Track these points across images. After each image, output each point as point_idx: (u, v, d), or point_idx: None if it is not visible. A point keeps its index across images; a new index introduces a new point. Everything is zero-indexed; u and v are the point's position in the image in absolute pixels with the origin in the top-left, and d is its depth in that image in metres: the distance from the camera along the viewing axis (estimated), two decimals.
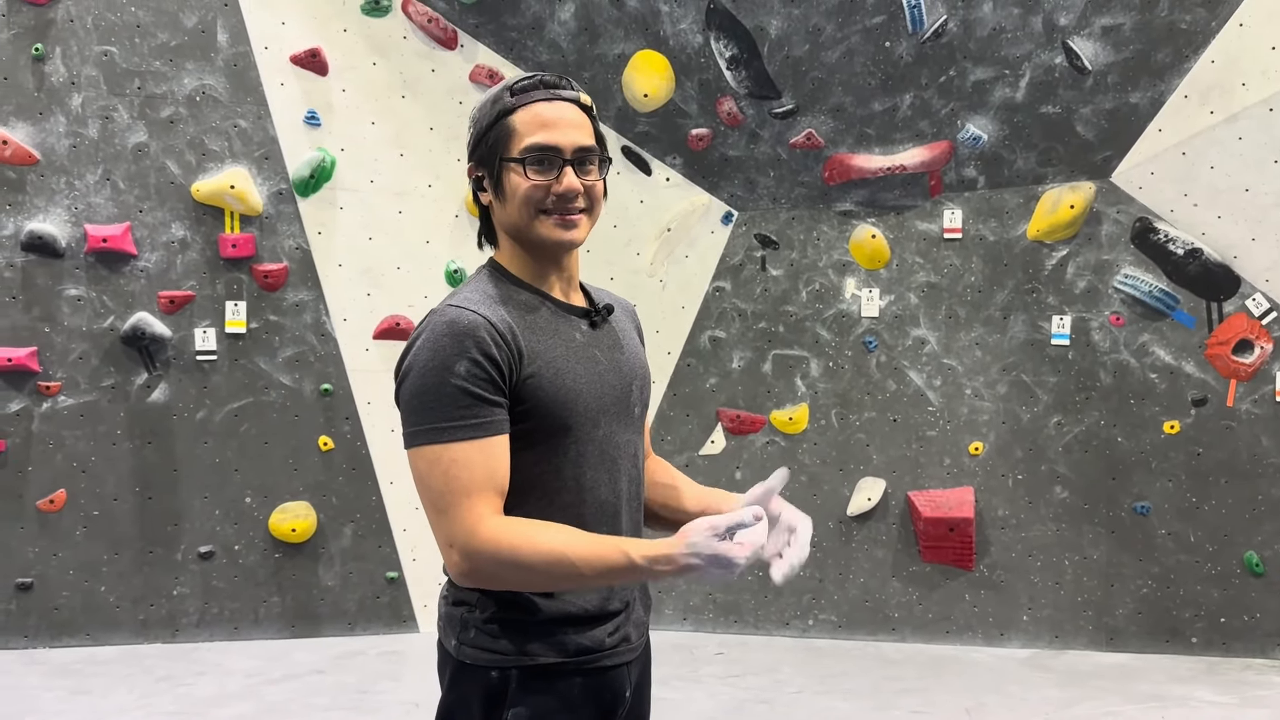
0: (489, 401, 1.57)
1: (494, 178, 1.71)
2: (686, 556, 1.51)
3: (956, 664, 4.87)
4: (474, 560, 1.55)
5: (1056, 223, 4.99)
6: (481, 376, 1.57)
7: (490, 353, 1.58)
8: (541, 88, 1.70)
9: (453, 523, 1.56)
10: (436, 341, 1.58)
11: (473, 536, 1.54)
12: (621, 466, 1.77)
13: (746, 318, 5.24)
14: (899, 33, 4.93)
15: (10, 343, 4.66)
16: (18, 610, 4.75)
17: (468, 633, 1.67)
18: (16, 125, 4.62)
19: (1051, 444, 5.06)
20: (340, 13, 4.91)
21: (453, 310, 1.60)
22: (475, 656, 1.66)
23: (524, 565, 1.55)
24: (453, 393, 1.55)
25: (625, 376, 1.79)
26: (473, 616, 1.67)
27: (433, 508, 1.58)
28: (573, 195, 1.68)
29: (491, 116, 1.71)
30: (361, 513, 5.09)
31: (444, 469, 1.56)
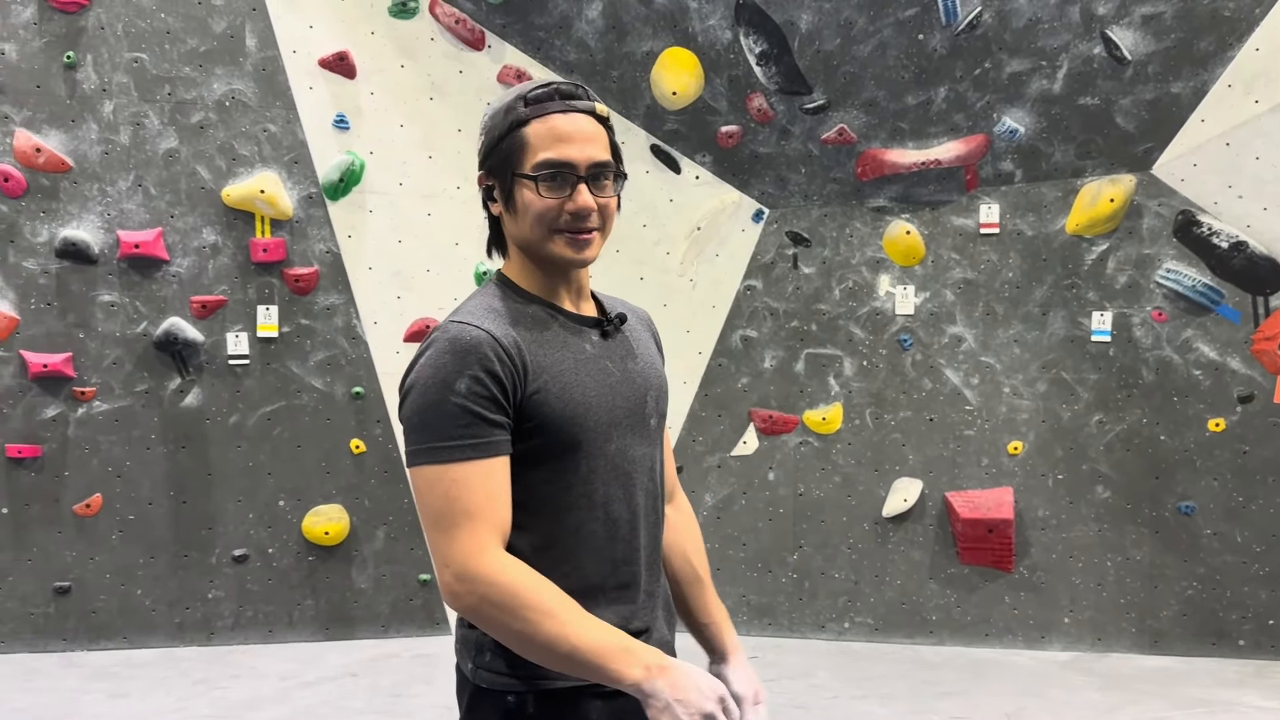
0: (490, 421, 1.53)
1: (505, 190, 1.65)
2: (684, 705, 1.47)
3: (996, 667, 4.78)
4: (467, 585, 1.50)
5: (1096, 216, 4.88)
6: (483, 395, 1.52)
7: (493, 369, 1.53)
8: (557, 98, 1.62)
9: (451, 544, 1.51)
10: (439, 358, 1.53)
11: (470, 563, 1.50)
12: (637, 481, 1.70)
13: (778, 316, 5.18)
14: (932, 25, 4.84)
15: (46, 349, 4.70)
16: (56, 613, 4.79)
17: (483, 656, 1.63)
18: (50, 133, 4.66)
19: (1093, 443, 4.96)
20: (368, 15, 4.90)
21: (455, 326, 1.56)
22: (492, 681, 1.62)
23: (513, 610, 1.49)
24: (454, 411, 1.51)
25: (639, 387, 1.73)
26: (488, 639, 1.62)
27: (433, 527, 1.54)
28: (586, 213, 1.61)
29: (504, 127, 1.64)
30: (394, 515, 5.09)
31: (444, 489, 1.52)
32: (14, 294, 4.68)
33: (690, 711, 1.46)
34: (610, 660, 1.48)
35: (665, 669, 1.48)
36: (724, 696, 1.49)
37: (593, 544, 1.63)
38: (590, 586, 1.60)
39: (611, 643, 1.50)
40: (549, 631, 1.48)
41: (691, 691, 1.47)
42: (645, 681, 1.47)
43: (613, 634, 1.52)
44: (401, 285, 5.04)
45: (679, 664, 1.51)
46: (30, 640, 4.77)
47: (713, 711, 1.47)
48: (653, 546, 1.76)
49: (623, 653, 1.49)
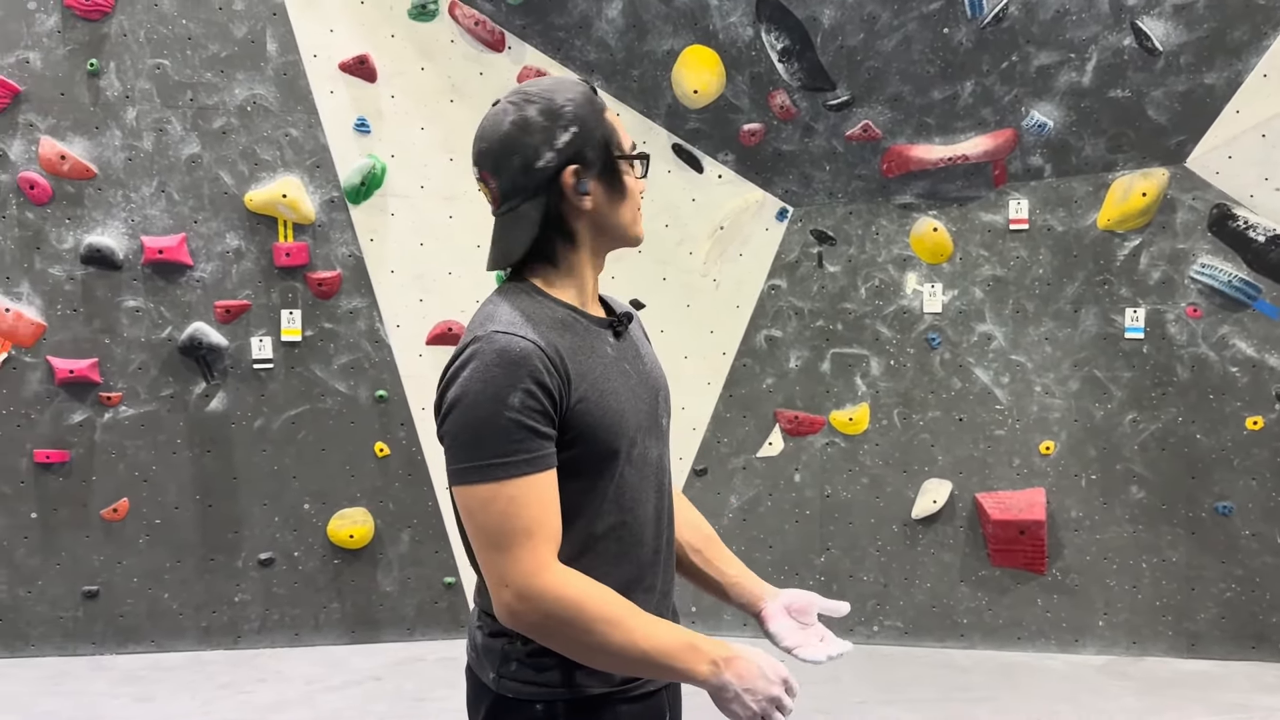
0: (542, 434, 1.49)
1: (606, 176, 1.61)
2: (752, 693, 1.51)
3: (1028, 672, 4.70)
4: (530, 603, 1.48)
5: (1128, 211, 4.78)
6: (536, 408, 1.48)
7: (544, 381, 1.49)
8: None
9: (513, 563, 1.48)
10: (487, 371, 1.47)
11: (532, 579, 1.47)
12: (656, 481, 1.71)
13: (804, 316, 5.12)
14: (958, 18, 4.75)
15: (72, 354, 4.73)
16: (85, 617, 4.83)
17: (509, 665, 1.60)
18: (74, 140, 4.69)
19: (1127, 442, 4.85)
20: (388, 18, 4.90)
21: (501, 337, 1.49)
22: (519, 690, 1.60)
23: (580, 623, 1.48)
24: (507, 426, 1.46)
25: (651, 388, 1.72)
26: (514, 648, 1.60)
27: (489, 546, 1.50)
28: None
29: (594, 113, 1.61)
30: (418, 518, 5.08)
31: (501, 507, 1.48)
32: (41, 300, 4.71)
33: (758, 698, 1.49)
34: (679, 660, 1.49)
35: (731, 660, 1.50)
36: (787, 678, 1.52)
37: (623, 548, 1.63)
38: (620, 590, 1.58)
39: (679, 642, 1.51)
40: (619, 640, 1.48)
41: (758, 679, 1.50)
42: (714, 676, 1.49)
43: (678, 632, 1.53)
44: (423, 288, 5.03)
45: (743, 651, 1.53)
46: (60, 644, 4.81)
47: (778, 694, 1.50)
48: (669, 546, 1.75)
49: (690, 650, 1.50)
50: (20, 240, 4.68)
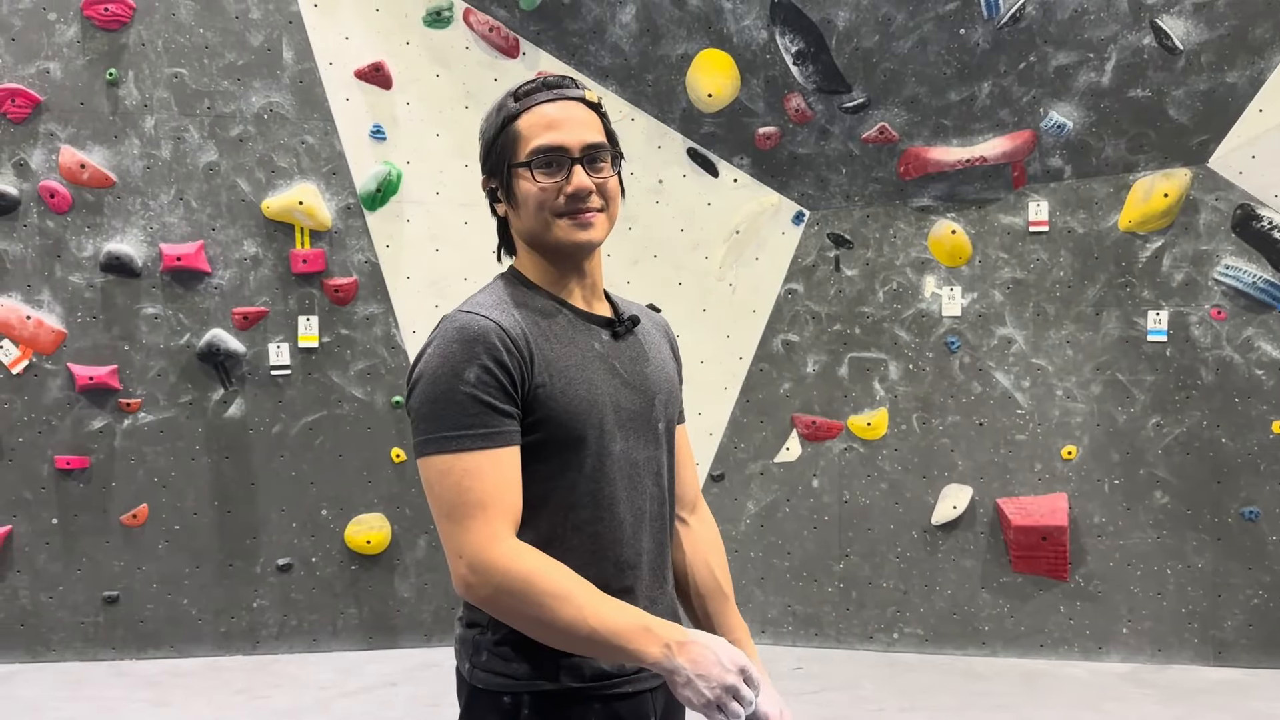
0: (500, 411, 1.52)
1: (505, 186, 1.67)
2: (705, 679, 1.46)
3: (1051, 680, 4.63)
4: (481, 575, 1.49)
5: (1150, 212, 4.72)
6: (492, 384, 1.51)
7: (501, 359, 1.52)
8: (544, 89, 1.65)
9: (465, 534, 1.49)
10: (447, 348, 1.52)
11: (484, 551, 1.49)
12: (643, 484, 1.69)
13: (821, 320, 5.08)
14: (974, 19, 4.71)
15: (92, 361, 4.77)
16: (105, 622, 4.86)
17: (480, 655, 1.61)
18: (93, 149, 4.73)
19: (1150, 446, 4.78)
20: (403, 26, 4.92)
21: (463, 316, 1.55)
22: (487, 681, 1.60)
23: (530, 597, 1.48)
24: (463, 400, 1.50)
25: (647, 391, 1.71)
26: (484, 639, 1.61)
27: (445, 518, 1.52)
28: (585, 194, 1.62)
29: (497, 124, 1.67)
30: (435, 524, 5.07)
31: (455, 479, 1.50)
32: (61, 308, 4.76)
33: (711, 685, 1.45)
34: (631, 640, 1.47)
35: (685, 645, 1.47)
36: (745, 667, 1.47)
37: (596, 544, 1.61)
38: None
39: (632, 622, 1.49)
40: (568, 616, 1.47)
41: (713, 666, 1.46)
42: (666, 659, 1.47)
43: (632, 613, 1.51)
44: (439, 294, 5.03)
45: (700, 637, 1.49)
46: (80, 649, 4.84)
47: (734, 684, 1.45)
48: (657, 552, 1.73)
49: (643, 631, 1.48)
50: (41, 248, 4.73)
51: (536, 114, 1.63)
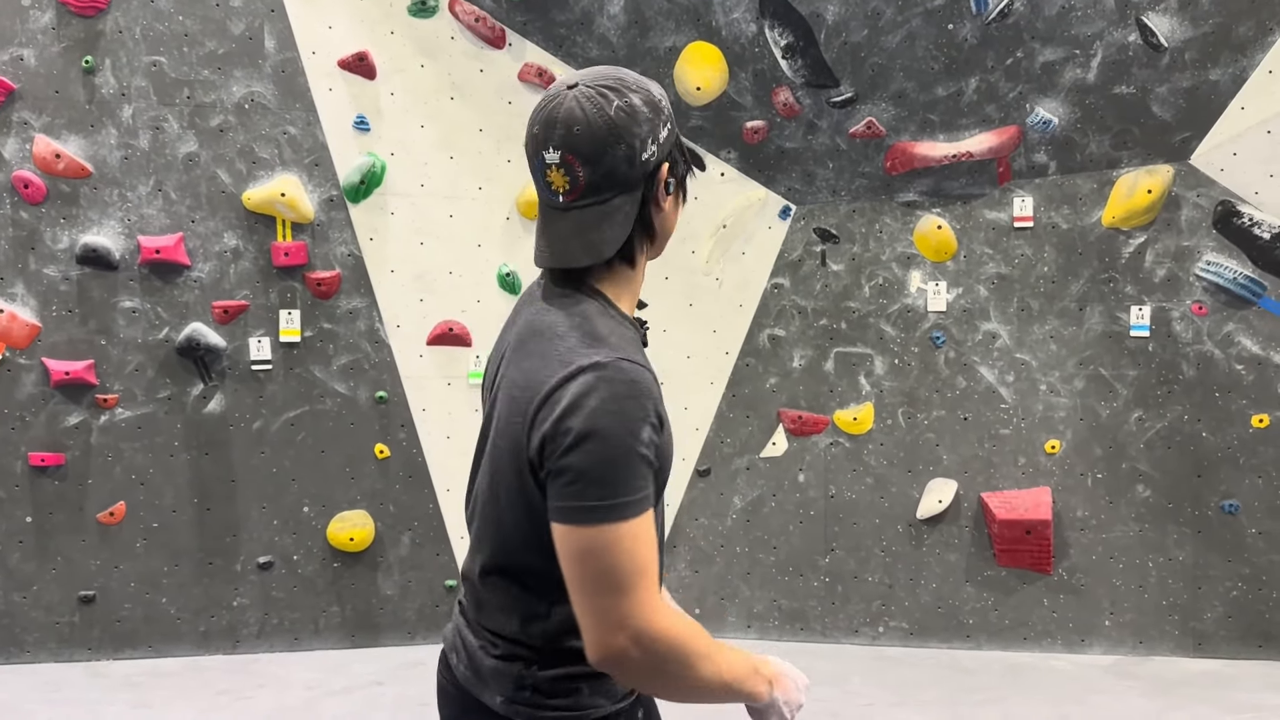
0: (655, 469, 1.42)
1: (680, 180, 1.56)
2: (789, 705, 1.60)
3: (1035, 672, 4.67)
4: (646, 645, 1.38)
5: (1133, 208, 4.76)
6: (656, 443, 1.40)
7: (662, 413, 1.42)
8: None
9: (631, 605, 1.36)
10: (620, 404, 1.35)
11: (652, 622, 1.37)
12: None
13: (807, 315, 5.08)
14: (962, 14, 4.73)
15: (68, 356, 4.66)
16: (81, 623, 4.75)
17: (522, 692, 1.52)
18: (69, 138, 4.62)
19: (1133, 441, 4.83)
20: (387, 15, 4.84)
21: (628, 365, 1.38)
22: (531, 715, 1.52)
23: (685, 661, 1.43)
24: (636, 462, 1.36)
25: None
26: (531, 674, 1.52)
27: (608, 588, 1.37)
28: None
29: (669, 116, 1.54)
30: (419, 521, 5.02)
31: (627, 546, 1.35)
32: (35, 301, 4.64)
33: (792, 709, 1.58)
34: (747, 684, 1.52)
35: (778, 678, 1.58)
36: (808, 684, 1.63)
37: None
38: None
39: (746, 667, 1.54)
40: (709, 674, 1.46)
41: (793, 691, 1.59)
42: (768, 695, 1.55)
43: (742, 657, 1.55)
44: (424, 288, 4.97)
45: (781, 667, 1.60)
46: (55, 650, 4.74)
47: (803, 702, 1.61)
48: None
49: (754, 674, 1.54)
50: (14, 240, 4.61)
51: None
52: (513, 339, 1.54)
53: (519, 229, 5.05)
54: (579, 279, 1.51)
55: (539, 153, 1.45)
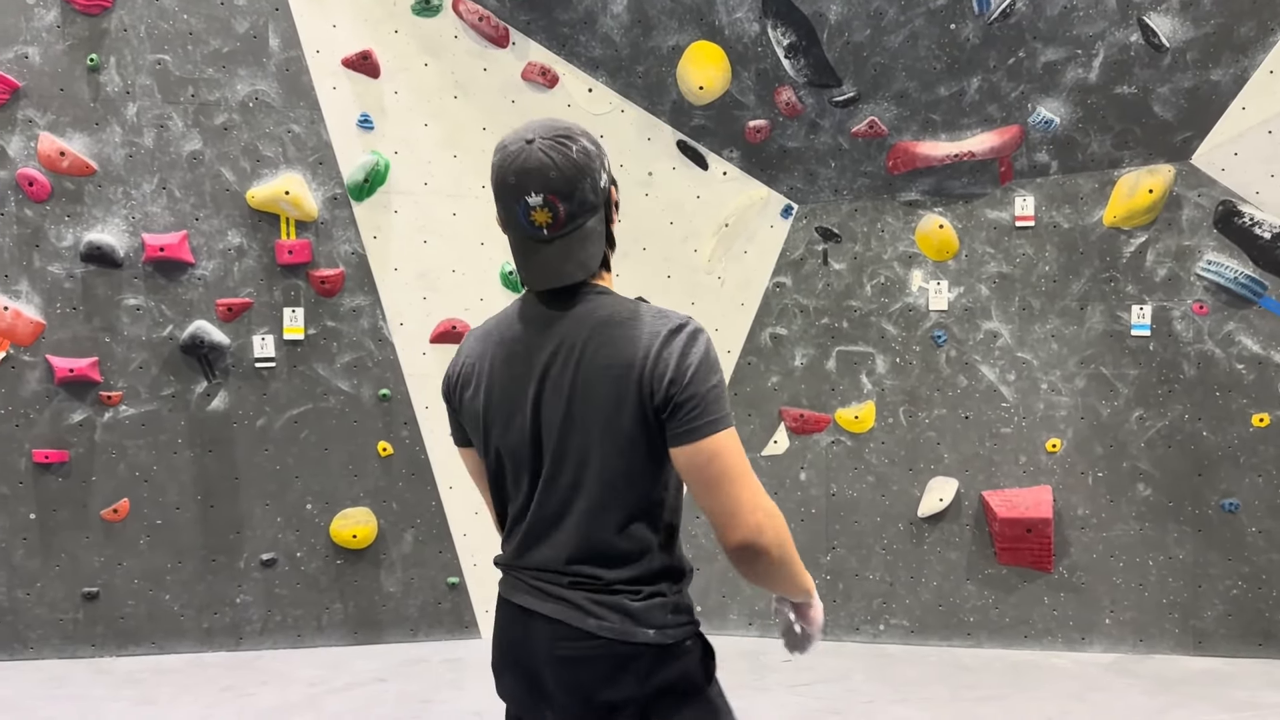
0: None
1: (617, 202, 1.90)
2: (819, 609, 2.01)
3: (1036, 670, 4.68)
4: (772, 518, 1.72)
5: (1134, 208, 4.77)
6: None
7: None
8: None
9: (754, 488, 1.71)
10: (708, 348, 1.76)
11: (768, 500, 1.73)
12: None
13: (809, 313, 5.09)
14: (965, 14, 4.74)
15: (72, 353, 4.68)
16: (85, 619, 4.77)
17: (667, 615, 1.78)
18: (73, 136, 4.63)
19: (1133, 439, 4.85)
20: (391, 14, 4.86)
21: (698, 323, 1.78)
22: (677, 635, 1.79)
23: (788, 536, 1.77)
24: (725, 388, 1.77)
25: None
26: (669, 600, 1.79)
27: (737, 478, 1.70)
28: None
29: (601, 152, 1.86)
30: (422, 518, 5.04)
31: (737, 447, 1.73)
32: (40, 298, 4.66)
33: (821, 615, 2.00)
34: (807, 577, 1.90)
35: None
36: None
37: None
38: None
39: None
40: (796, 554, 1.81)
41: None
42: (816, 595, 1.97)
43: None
44: (427, 286, 4.99)
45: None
46: (59, 646, 4.75)
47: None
48: None
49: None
50: (19, 238, 4.62)
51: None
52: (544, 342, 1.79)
53: None
54: (575, 290, 1.79)
55: (520, 198, 1.73)
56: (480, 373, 1.84)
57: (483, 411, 1.83)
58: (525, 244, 1.76)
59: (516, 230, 1.76)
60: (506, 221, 1.78)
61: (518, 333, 1.82)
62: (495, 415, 1.81)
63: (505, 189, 1.74)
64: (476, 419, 1.85)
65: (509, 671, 1.88)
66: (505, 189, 1.74)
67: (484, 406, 1.82)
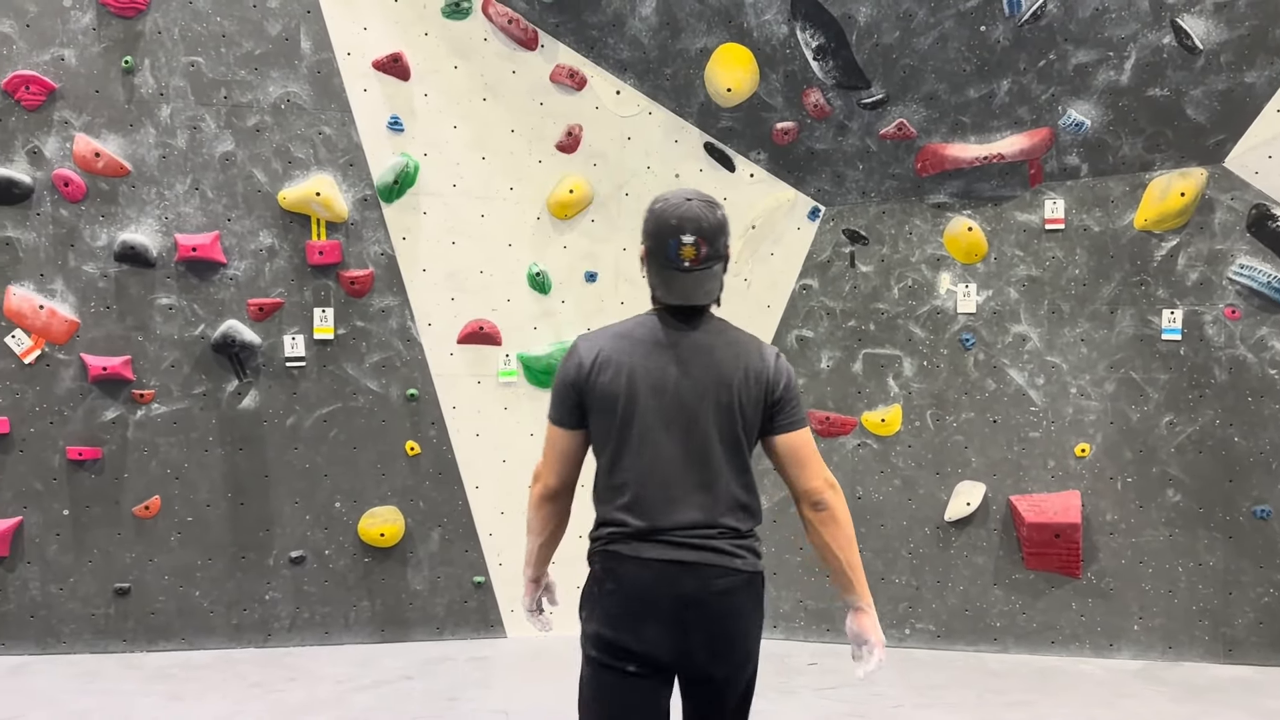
0: None
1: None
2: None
3: (1063, 676, 4.65)
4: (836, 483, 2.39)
5: (1166, 211, 4.73)
6: None
7: None
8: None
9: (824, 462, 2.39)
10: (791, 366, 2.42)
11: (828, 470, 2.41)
12: None
13: (835, 316, 5.09)
14: (995, 16, 4.72)
15: (105, 352, 4.74)
16: (116, 614, 4.83)
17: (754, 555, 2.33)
18: (108, 137, 4.69)
19: (1163, 445, 4.81)
20: (421, 16, 4.89)
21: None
22: (754, 564, 2.33)
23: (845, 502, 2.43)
24: None
25: None
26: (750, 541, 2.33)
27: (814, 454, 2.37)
28: None
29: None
30: (448, 517, 5.07)
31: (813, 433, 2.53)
32: (74, 297, 4.72)
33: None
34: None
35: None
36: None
37: None
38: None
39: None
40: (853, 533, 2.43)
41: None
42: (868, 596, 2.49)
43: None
44: (455, 287, 5.02)
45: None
46: (91, 641, 4.81)
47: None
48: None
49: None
50: (54, 237, 4.69)
51: None
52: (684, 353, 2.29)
53: (549, 229, 5.09)
54: (701, 311, 2.33)
55: (677, 235, 2.25)
56: (619, 363, 2.27)
57: (625, 391, 2.27)
58: (667, 272, 2.28)
59: (663, 261, 2.28)
60: (655, 252, 2.29)
61: (657, 336, 2.31)
62: (638, 394, 2.27)
63: (666, 227, 2.27)
64: (615, 398, 2.27)
65: (650, 619, 2.24)
66: (666, 227, 2.27)
67: (626, 387, 2.27)
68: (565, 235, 5.11)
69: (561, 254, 5.11)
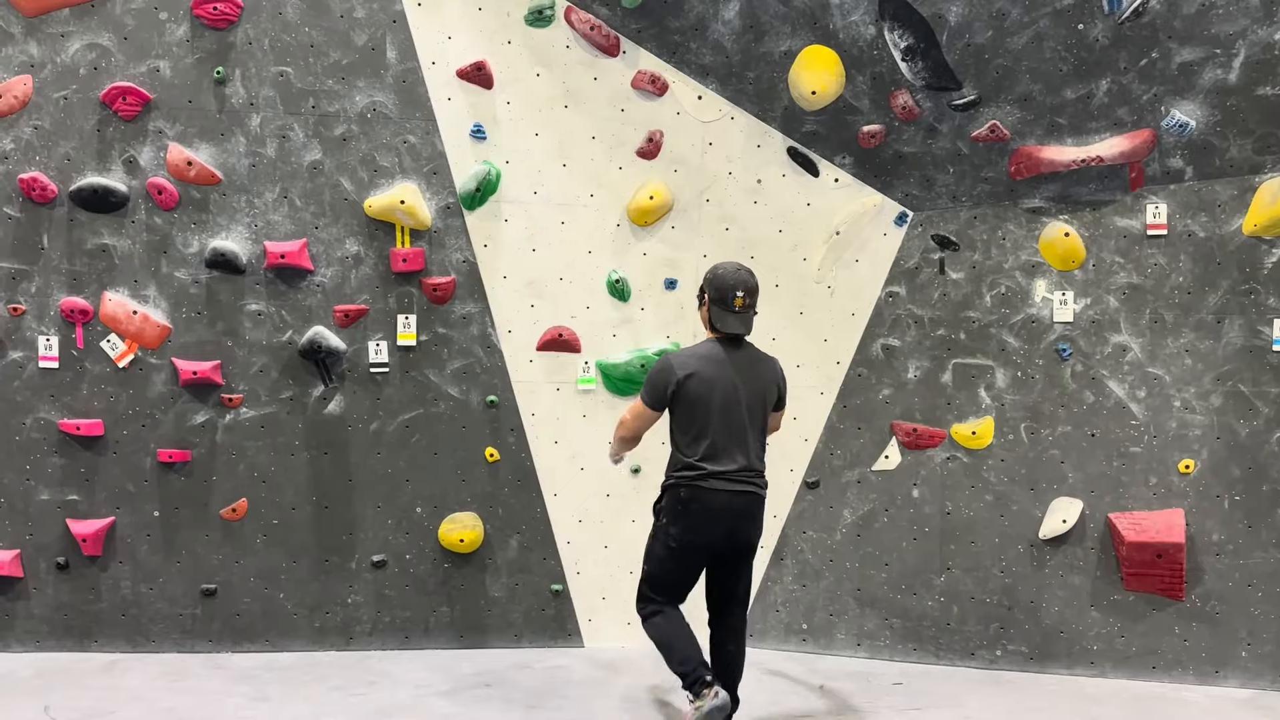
0: None
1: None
2: None
3: (1165, 704, 4.43)
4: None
5: (1277, 216, 4.49)
6: None
7: None
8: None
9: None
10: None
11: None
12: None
13: (923, 324, 4.94)
14: (1094, 14, 4.54)
15: (196, 356, 4.84)
16: (203, 615, 4.92)
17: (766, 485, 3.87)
18: (200, 147, 4.80)
19: (1274, 461, 4.55)
20: (505, 25, 4.90)
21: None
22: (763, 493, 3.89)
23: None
24: None
25: None
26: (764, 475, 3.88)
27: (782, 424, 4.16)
28: None
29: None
30: (527, 525, 5.05)
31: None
32: (166, 303, 4.83)
33: None
34: None
35: None
36: None
37: None
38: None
39: None
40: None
41: None
42: None
43: None
44: (536, 294, 5.01)
45: None
46: (179, 640, 4.91)
47: None
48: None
49: None
50: (148, 244, 4.81)
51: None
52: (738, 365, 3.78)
53: (629, 236, 5.05)
54: (743, 339, 3.83)
55: (734, 291, 3.74)
56: (699, 371, 3.73)
57: (707, 391, 3.71)
58: (725, 313, 3.76)
59: (723, 307, 3.75)
60: (717, 301, 3.76)
61: (720, 356, 3.77)
62: (715, 393, 3.72)
63: (726, 286, 3.75)
64: (700, 397, 3.71)
65: (717, 523, 3.74)
66: (726, 286, 3.75)
67: (707, 389, 3.71)
68: (645, 242, 5.06)
69: (641, 261, 5.07)
